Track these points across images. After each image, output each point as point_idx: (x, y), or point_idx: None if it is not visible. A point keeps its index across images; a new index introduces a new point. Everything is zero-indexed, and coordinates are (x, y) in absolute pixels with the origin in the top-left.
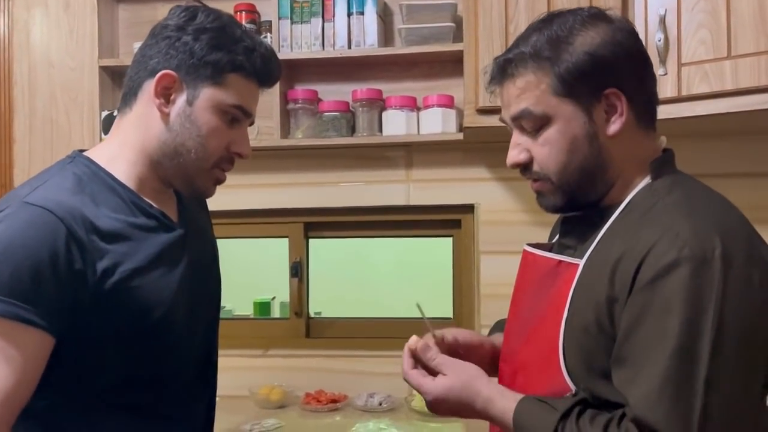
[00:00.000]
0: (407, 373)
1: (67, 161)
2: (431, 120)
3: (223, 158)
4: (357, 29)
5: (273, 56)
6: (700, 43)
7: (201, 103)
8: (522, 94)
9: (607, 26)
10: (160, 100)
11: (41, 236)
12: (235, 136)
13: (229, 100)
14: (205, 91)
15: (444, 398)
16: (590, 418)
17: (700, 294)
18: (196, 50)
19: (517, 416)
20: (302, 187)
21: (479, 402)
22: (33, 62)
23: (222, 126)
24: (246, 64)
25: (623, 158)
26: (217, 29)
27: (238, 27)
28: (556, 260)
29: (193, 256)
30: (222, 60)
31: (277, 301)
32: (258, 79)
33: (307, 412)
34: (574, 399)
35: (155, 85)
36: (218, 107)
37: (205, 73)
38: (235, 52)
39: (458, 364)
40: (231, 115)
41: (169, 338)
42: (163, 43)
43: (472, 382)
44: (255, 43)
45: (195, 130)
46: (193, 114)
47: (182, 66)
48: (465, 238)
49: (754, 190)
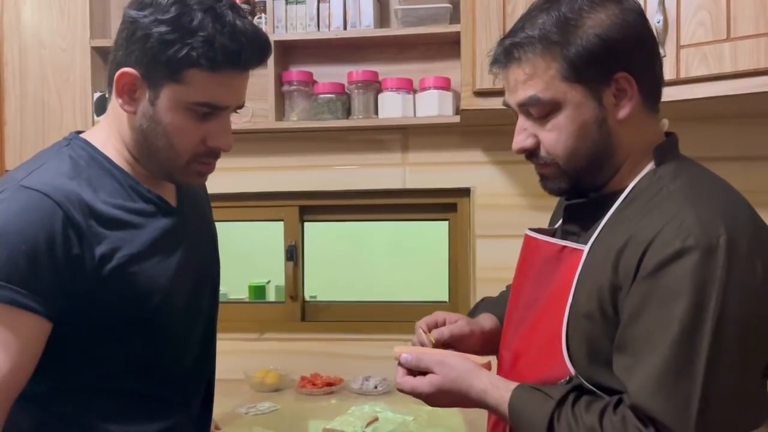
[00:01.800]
0: (398, 382)
1: (64, 144)
2: (428, 102)
3: (199, 153)
4: (353, 10)
5: (246, 36)
6: (699, 24)
7: (163, 103)
8: (529, 79)
9: (616, 6)
10: (123, 99)
11: (38, 220)
12: (212, 130)
13: (192, 97)
14: (165, 89)
15: (438, 394)
16: (586, 404)
17: (703, 282)
18: (149, 47)
19: (512, 406)
20: (297, 170)
21: (473, 394)
22: (23, 43)
23: (190, 123)
24: (203, 59)
25: (630, 142)
26: (171, 20)
27: (200, 9)
28: (559, 246)
29: (193, 240)
30: (176, 56)
31: (273, 285)
32: (226, 67)
33: (302, 396)
34: (569, 386)
35: (115, 85)
36: (181, 105)
37: (162, 71)
38: (191, 45)
39: (447, 362)
40: (199, 111)
41: (169, 323)
42: (123, 34)
43: (462, 377)
44: (217, 29)
45: (161, 130)
46: (157, 114)
47: (141, 63)
48: (461, 221)
49: (752, 173)
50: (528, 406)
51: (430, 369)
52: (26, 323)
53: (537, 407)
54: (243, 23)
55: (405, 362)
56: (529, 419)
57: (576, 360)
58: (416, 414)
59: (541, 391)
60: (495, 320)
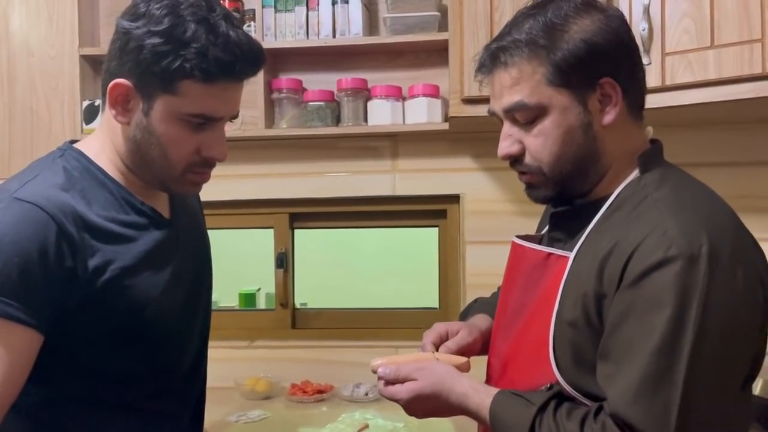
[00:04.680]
0: (380, 390)
1: (58, 154)
2: (417, 110)
3: (194, 163)
4: (342, 18)
5: (240, 47)
6: (684, 32)
7: (157, 114)
8: (515, 84)
9: (601, 14)
10: (116, 110)
11: (31, 233)
12: (206, 140)
13: (186, 108)
14: (159, 100)
15: (415, 399)
16: (567, 411)
17: (685, 292)
18: (142, 58)
19: (493, 411)
20: (287, 177)
21: (453, 398)
22: (12, 51)
23: (184, 134)
24: (197, 70)
25: (615, 149)
26: (164, 31)
27: (193, 20)
28: (545, 253)
29: (186, 252)
30: (170, 68)
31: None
32: (220, 79)
33: (293, 403)
34: (550, 392)
35: (108, 96)
36: (175, 116)
37: (156, 83)
38: (184, 57)
39: (426, 367)
40: (193, 122)
41: (162, 335)
42: (116, 45)
43: (442, 381)
44: (210, 40)
45: (155, 141)
46: (151, 125)
47: (133, 73)
48: (451, 228)
49: (737, 178)
50: (509, 412)
51: (410, 377)
52: (18, 336)
53: (518, 413)
54: (237, 34)
55: (383, 375)
56: (510, 425)
57: (563, 367)
58: (407, 421)
59: (523, 397)
60: (489, 320)
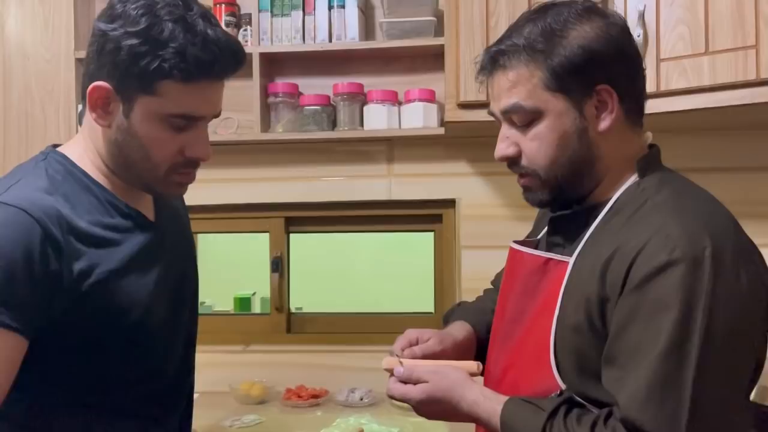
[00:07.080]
0: (389, 389)
1: (41, 158)
2: (412, 114)
3: (177, 164)
4: (338, 23)
5: (218, 45)
6: (679, 38)
7: (137, 116)
8: (513, 87)
9: (602, 20)
10: (96, 113)
11: (16, 237)
12: (189, 140)
13: (167, 109)
14: (139, 101)
15: (427, 402)
16: (577, 417)
17: (690, 294)
18: (120, 60)
19: (504, 418)
20: (283, 181)
21: (464, 406)
22: (7, 54)
23: (166, 135)
24: (175, 70)
25: (611, 154)
26: (142, 32)
27: (170, 20)
28: (544, 258)
29: (172, 254)
30: (148, 68)
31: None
32: (200, 78)
33: (287, 408)
34: (560, 398)
35: (88, 99)
36: (156, 117)
37: (134, 84)
38: (162, 57)
39: (440, 371)
40: (174, 123)
41: (148, 338)
42: (94, 47)
43: (454, 387)
44: (188, 39)
45: (136, 143)
46: (132, 127)
47: (113, 76)
48: (446, 232)
49: (732, 183)
50: (520, 419)
51: (423, 379)
52: (3, 341)
53: (529, 420)
54: (215, 32)
55: (398, 375)
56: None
57: (564, 373)
58: (402, 426)
59: (533, 403)
60: (468, 328)
